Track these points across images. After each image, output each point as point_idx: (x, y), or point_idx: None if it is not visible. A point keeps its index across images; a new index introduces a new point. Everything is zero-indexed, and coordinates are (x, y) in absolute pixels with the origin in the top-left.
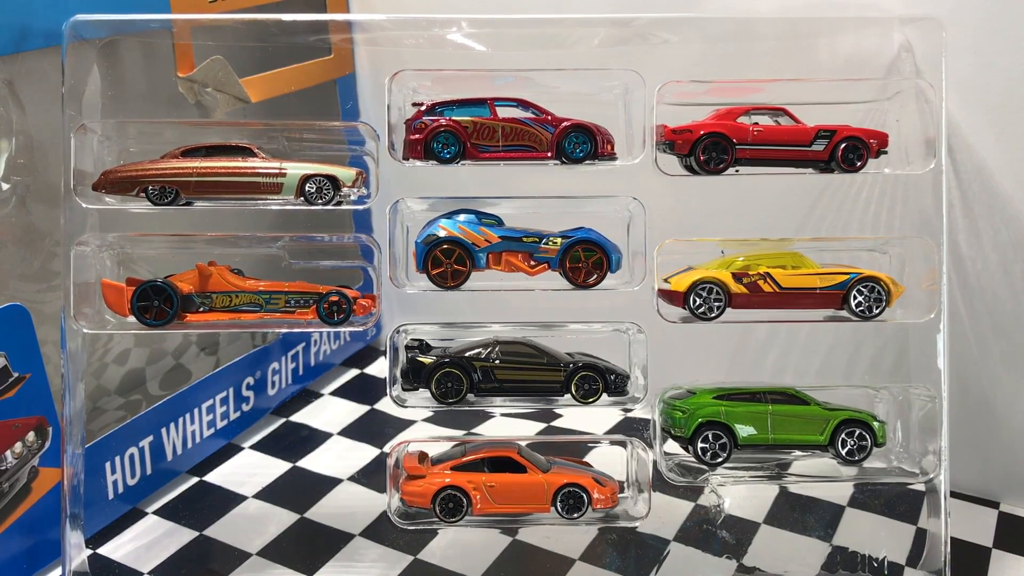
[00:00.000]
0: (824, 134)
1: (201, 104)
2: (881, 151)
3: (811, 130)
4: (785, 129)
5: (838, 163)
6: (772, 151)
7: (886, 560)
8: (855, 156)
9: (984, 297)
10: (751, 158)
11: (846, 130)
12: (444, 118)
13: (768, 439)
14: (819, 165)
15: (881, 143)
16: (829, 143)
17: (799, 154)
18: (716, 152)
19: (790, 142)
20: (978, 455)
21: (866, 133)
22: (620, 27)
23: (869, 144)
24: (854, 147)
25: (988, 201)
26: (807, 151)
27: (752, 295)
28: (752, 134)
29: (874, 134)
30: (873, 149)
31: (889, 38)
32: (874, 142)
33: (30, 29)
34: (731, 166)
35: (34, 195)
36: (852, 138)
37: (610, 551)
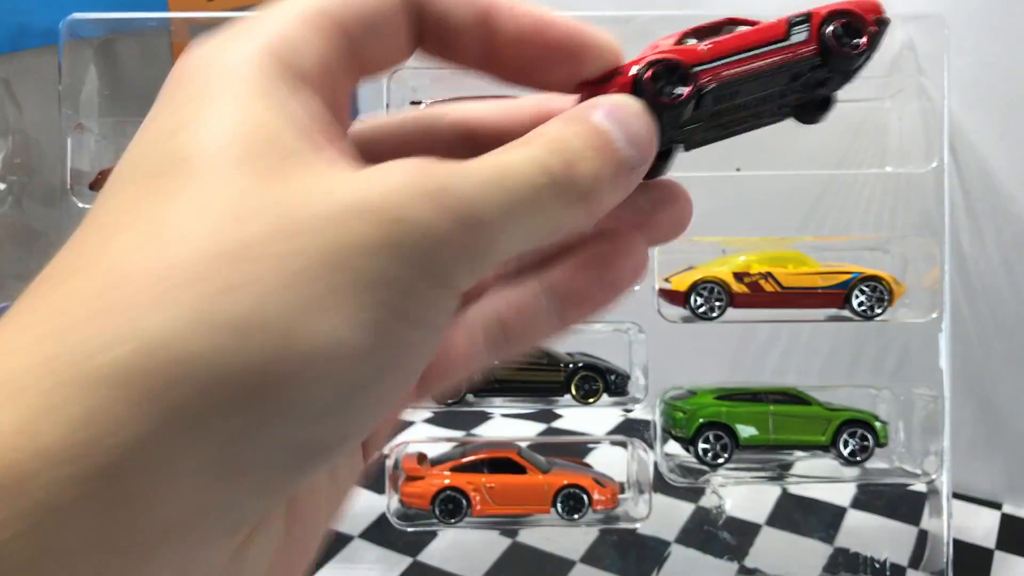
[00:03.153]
0: (798, 20)
1: None
2: (881, 22)
3: (780, 22)
4: (747, 34)
5: (833, 50)
6: (743, 65)
7: (888, 562)
8: (851, 35)
9: (987, 297)
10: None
11: (825, 8)
12: None
13: (769, 439)
14: (813, 65)
15: (872, 9)
16: (811, 28)
17: (780, 56)
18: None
19: (760, 43)
20: (981, 456)
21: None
22: (620, 25)
23: (861, 17)
24: (846, 25)
25: (991, 200)
26: (788, 47)
27: (754, 295)
28: (704, 52)
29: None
30: (869, 21)
31: (891, 36)
32: (867, 15)
33: (27, 28)
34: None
35: (31, 195)
36: (837, 14)
37: (611, 552)
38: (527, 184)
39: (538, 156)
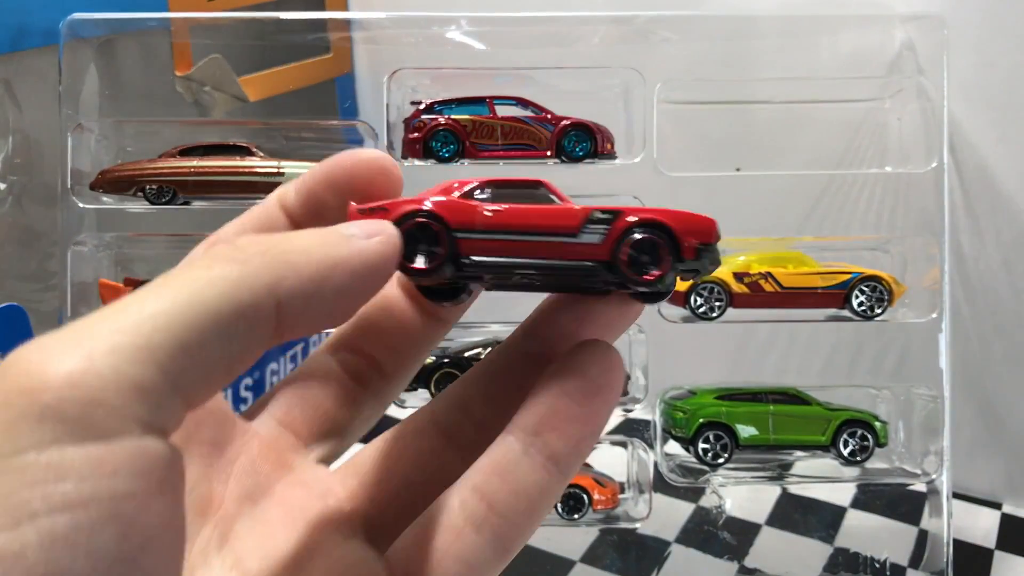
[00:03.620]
0: (600, 217)
1: (199, 103)
2: (702, 250)
3: (578, 213)
4: (534, 213)
5: (623, 272)
6: (517, 251)
7: (888, 561)
8: (651, 258)
9: (987, 297)
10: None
11: (637, 214)
12: (443, 117)
13: (769, 439)
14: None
15: (700, 231)
16: (608, 234)
17: (563, 254)
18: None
19: (545, 229)
20: (981, 456)
21: (674, 217)
22: (620, 25)
23: (675, 238)
24: (650, 246)
25: (990, 200)
26: (575, 247)
27: (753, 295)
28: (481, 218)
29: (687, 219)
30: (686, 246)
31: (890, 36)
32: (686, 238)
33: (27, 28)
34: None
35: (31, 195)
36: (646, 226)
37: (611, 552)
38: None
39: None
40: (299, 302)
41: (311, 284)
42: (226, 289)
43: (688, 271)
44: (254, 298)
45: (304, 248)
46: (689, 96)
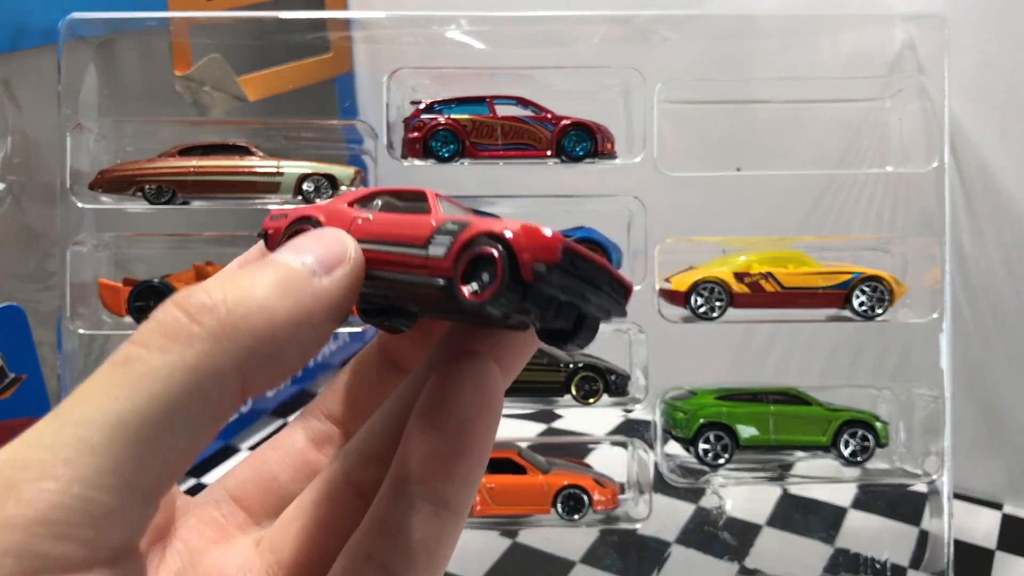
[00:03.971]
0: (448, 228)
1: (198, 103)
2: (545, 271)
3: (428, 223)
4: (393, 223)
5: (455, 287)
6: (380, 262)
7: (889, 562)
8: (486, 274)
9: (987, 297)
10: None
11: (484, 225)
12: (443, 116)
13: (770, 440)
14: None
15: (542, 248)
16: (450, 247)
17: (414, 266)
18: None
19: (400, 239)
20: (981, 456)
21: (519, 230)
22: (620, 24)
23: (513, 253)
24: (485, 260)
25: (991, 200)
26: (424, 260)
27: (754, 295)
28: (352, 226)
29: (532, 235)
30: (524, 263)
31: (891, 35)
32: (524, 255)
33: (26, 27)
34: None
35: (30, 194)
36: (485, 239)
37: (611, 553)
38: None
39: None
40: (264, 370)
41: (276, 348)
42: (189, 380)
43: (543, 309)
44: (220, 382)
45: (264, 304)
46: (689, 96)
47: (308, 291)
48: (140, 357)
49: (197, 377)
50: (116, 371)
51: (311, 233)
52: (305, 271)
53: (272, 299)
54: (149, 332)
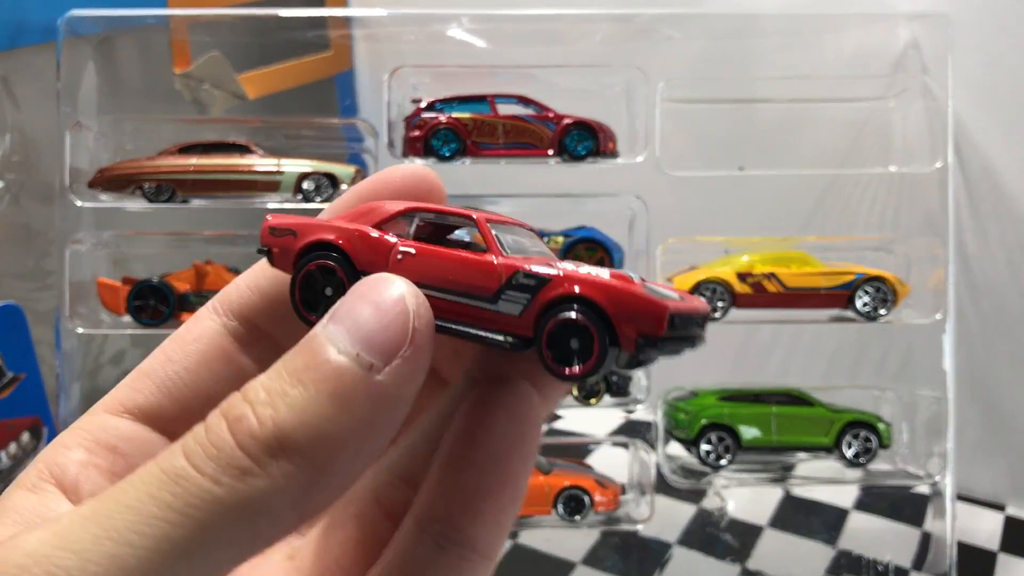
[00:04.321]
0: (523, 282)
1: (198, 101)
2: (647, 344)
3: (496, 271)
4: (452, 264)
5: (545, 361)
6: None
7: (891, 564)
8: (580, 344)
9: (991, 297)
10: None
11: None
12: (444, 115)
13: (772, 441)
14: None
15: (651, 314)
16: (530, 306)
17: (479, 318)
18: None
19: (461, 290)
20: (984, 457)
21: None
22: (622, 23)
23: (611, 323)
24: (577, 329)
25: (995, 200)
26: (492, 314)
27: (757, 295)
28: (392, 259)
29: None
30: (625, 336)
31: (895, 35)
32: (624, 327)
33: (25, 25)
34: None
35: (29, 193)
36: (578, 303)
37: (612, 554)
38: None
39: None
40: (323, 497)
41: (336, 477)
42: (241, 517)
43: (634, 363)
44: (275, 521)
45: (321, 428)
46: (692, 95)
47: (366, 397)
48: (191, 479)
49: (250, 514)
50: (165, 487)
51: (362, 292)
52: (360, 370)
53: (327, 420)
54: (201, 450)
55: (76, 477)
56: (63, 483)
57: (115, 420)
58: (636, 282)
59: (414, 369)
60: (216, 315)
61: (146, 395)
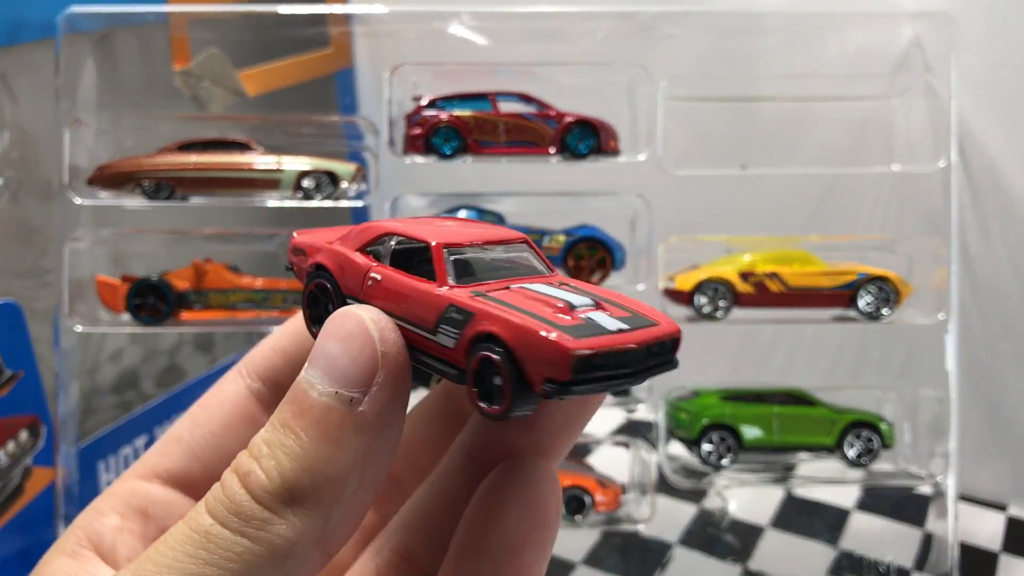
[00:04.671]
0: (454, 317)
1: (197, 98)
2: (557, 389)
3: (435, 304)
4: (403, 295)
5: (469, 393)
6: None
7: (893, 564)
8: (496, 381)
9: (994, 297)
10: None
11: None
12: (445, 113)
13: (774, 441)
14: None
15: (554, 358)
16: (459, 340)
17: (427, 347)
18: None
19: (410, 319)
20: (987, 458)
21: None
22: (624, 21)
23: (518, 362)
24: (492, 366)
25: (999, 199)
26: (434, 344)
27: (759, 294)
28: (365, 285)
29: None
30: (534, 379)
31: (898, 33)
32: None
33: (24, 21)
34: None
35: (27, 190)
36: (493, 342)
37: (612, 554)
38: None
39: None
40: (342, 528)
41: (347, 508)
42: (270, 562)
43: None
44: (301, 561)
45: (324, 471)
46: (694, 93)
47: (354, 430)
48: (220, 535)
49: (279, 559)
50: (199, 545)
51: (330, 331)
52: (342, 406)
53: (326, 461)
54: (223, 508)
55: (112, 543)
56: (100, 549)
57: (145, 485)
58: (578, 311)
59: (394, 392)
60: (241, 378)
61: (174, 460)
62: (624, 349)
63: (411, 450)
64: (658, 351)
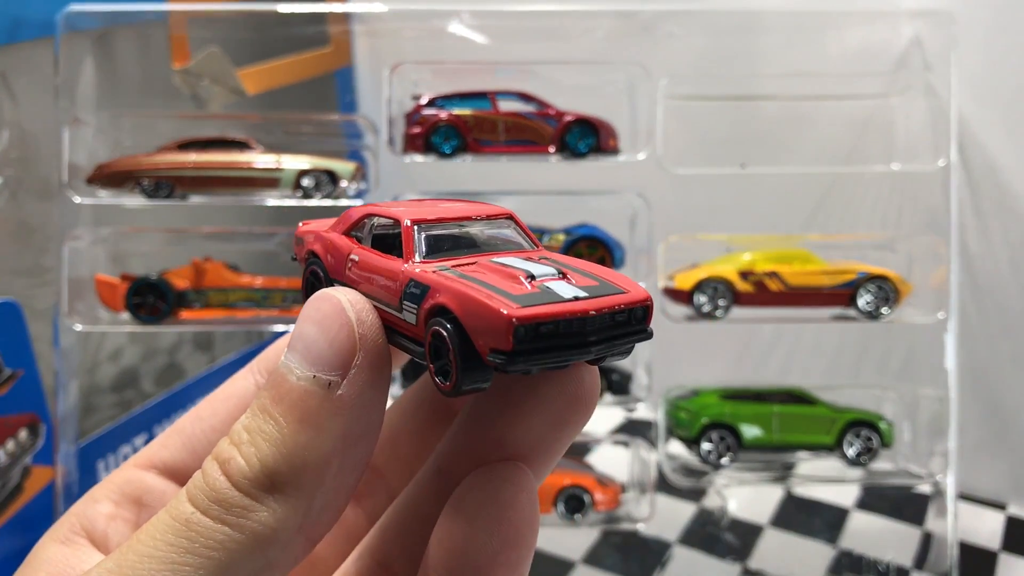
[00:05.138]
0: (413, 292)
1: (197, 96)
2: (506, 357)
3: (400, 280)
4: (375, 274)
5: (431, 376)
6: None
7: (892, 563)
8: (444, 358)
9: (994, 296)
10: None
11: (443, 293)
12: (444, 111)
13: (774, 440)
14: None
15: (496, 328)
16: (417, 315)
17: (400, 326)
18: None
19: (381, 299)
20: (986, 457)
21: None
22: (624, 19)
23: (461, 330)
24: (438, 340)
25: (998, 198)
26: (403, 322)
27: (759, 293)
28: (346, 270)
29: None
30: (481, 348)
31: (898, 32)
32: (481, 340)
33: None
34: None
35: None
36: (440, 313)
37: (612, 553)
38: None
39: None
40: (325, 514)
41: (330, 493)
42: (252, 550)
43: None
44: (284, 548)
45: (302, 455)
46: (694, 92)
47: (333, 413)
48: (201, 523)
49: (262, 546)
50: (180, 533)
51: (307, 314)
52: (320, 390)
53: (305, 447)
54: (203, 495)
55: (105, 530)
56: (93, 536)
57: (141, 474)
58: (538, 280)
59: (372, 374)
60: (251, 374)
61: (172, 451)
62: (577, 317)
63: (395, 442)
64: (625, 320)
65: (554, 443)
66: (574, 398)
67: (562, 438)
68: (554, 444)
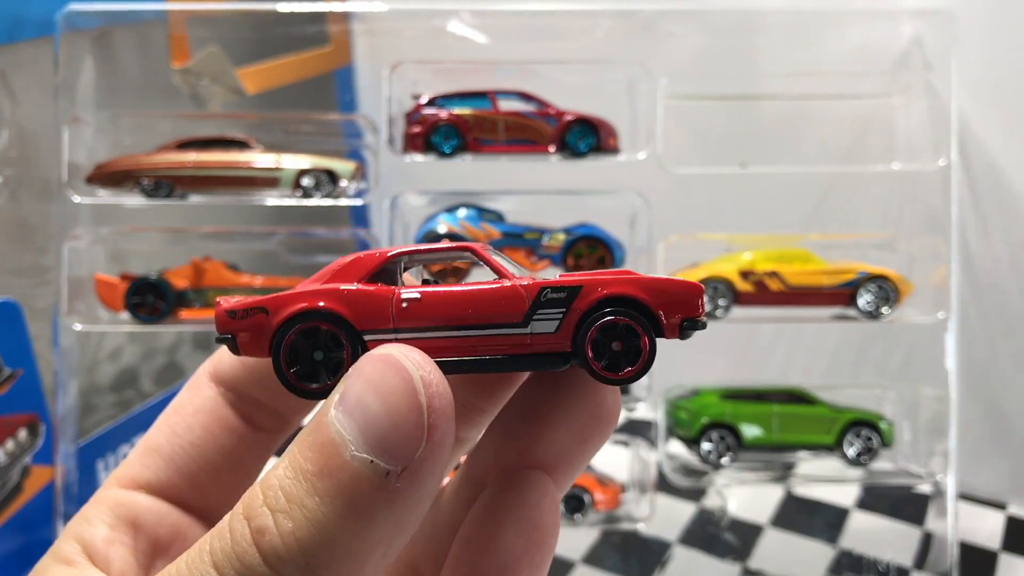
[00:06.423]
0: (550, 296)
1: (196, 96)
2: (689, 325)
3: (520, 293)
4: (465, 301)
5: (590, 367)
6: (449, 350)
7: (892, 563)
8: (623, 342)
9: (994, 296)
10: None
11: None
12: (444, 111)
13: (774, 440)
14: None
15: (683, 299)
16: (564, 320)
17: (509, 348)
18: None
19: (483, 321)
20: (986, 457)
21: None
22: (625, 19)
23: (651, 310)
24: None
25: (999, 198)
26: (524, 339)
27: (759, 293)
28: (395, 310)
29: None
30: (666, 323)
31: (899, 31)
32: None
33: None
34: None
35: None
36: (613, 303)
37: (612, 553)
38: None
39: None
40: None
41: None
42: None
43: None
44: None
45: (344, 545)
46: (694, 91)
47: (386, 505)
48: None
49: None
50: None
51: (369, 379)
52: (377, 478)
53: (350, 535)
54: (230, 566)
55: (105, 553)
56: (94, 558)
57: (131, 495)
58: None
59: (433, 467)
60: (212, 384)
61: (155, 471)
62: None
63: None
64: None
65: (577, 456)
66: (597, 415)
67: (584, 451)
68: (577, 457)
